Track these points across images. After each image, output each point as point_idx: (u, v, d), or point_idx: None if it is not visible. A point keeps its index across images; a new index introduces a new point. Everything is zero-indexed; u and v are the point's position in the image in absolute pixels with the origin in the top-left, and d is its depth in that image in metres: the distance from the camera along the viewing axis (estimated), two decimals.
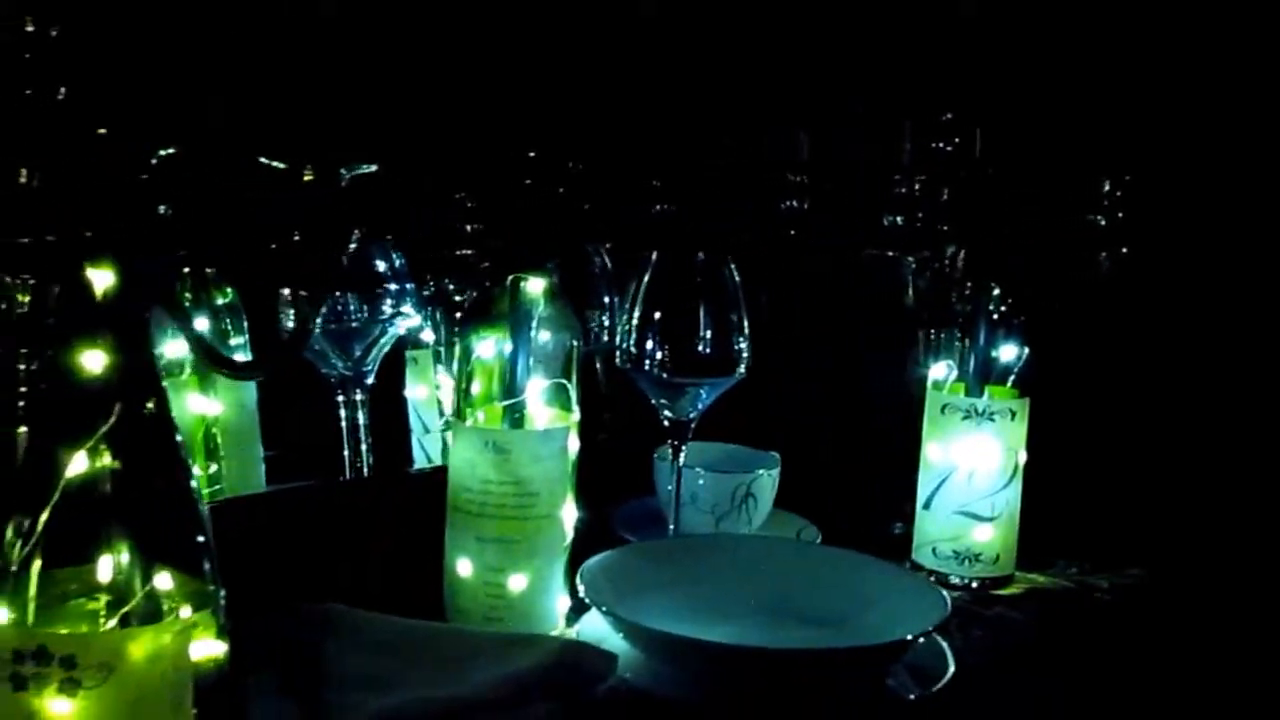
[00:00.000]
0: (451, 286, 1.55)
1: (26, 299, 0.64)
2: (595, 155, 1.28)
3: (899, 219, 1.36)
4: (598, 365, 1.31)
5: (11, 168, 0.64)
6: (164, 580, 0.54)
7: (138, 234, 0.53)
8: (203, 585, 0.55)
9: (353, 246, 0.91)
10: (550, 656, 0.77)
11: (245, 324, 1.08)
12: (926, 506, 1.16)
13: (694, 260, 1.07)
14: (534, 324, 0.93)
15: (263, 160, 0.75)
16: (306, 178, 0.77)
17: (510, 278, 0.91)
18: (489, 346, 0.93)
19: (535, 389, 0.93)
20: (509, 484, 0.90)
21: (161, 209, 0.61)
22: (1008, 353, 1.16)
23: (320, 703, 0.75)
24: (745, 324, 1.07)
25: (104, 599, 0.52)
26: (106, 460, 0.53)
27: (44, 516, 0.52)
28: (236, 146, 0.76)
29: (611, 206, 1.37)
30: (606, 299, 1.28)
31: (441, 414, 1.52)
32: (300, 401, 1.18)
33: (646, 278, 1.07)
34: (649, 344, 1.06)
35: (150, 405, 0.55)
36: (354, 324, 1.25)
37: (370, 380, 1.32)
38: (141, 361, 0.55)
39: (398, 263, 1.29)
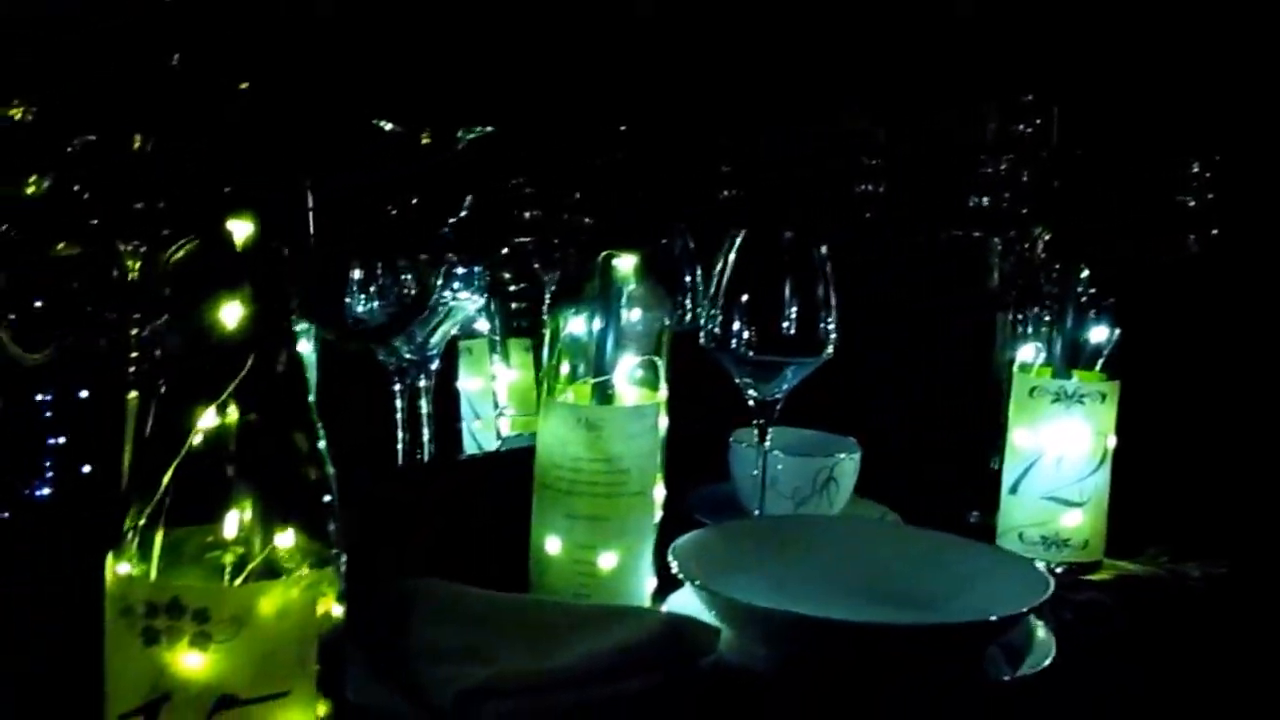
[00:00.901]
0: (507, 276, 1.54)
1: (138, 265, 0.65)
2: (665, 138, 1.27)
3: (984, 200, 1.35)
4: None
5: (127, 134, 0.64)
6: (290, 537, 0.53)
7: (269, 186, 0.52)
8: (327, 545, 0.55)
9: (464, 213, 0.90)
10: (653, 629, 0.76)
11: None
12: (1013, 491, 1.15)
13: (781, 238, 1.06)
14: (624, 301, 0.92)
15: (380, 124, 0.75)
16: (424, 141, 0.77)
17: (601, 255, 0.91)
18: (579, 323, 0.92)
19: (625, 366, 0.92)
20: (600, 461, 0.90)
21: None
22: (1097, 335, 1.14)
23: (413, 676, 0.74)
24: (833, 303, 1.06)
25: (231, 555, 0.52)
26: (236, 415, 0.53)
27: (173, 471, 0.52)
28: (356, 110, 0.76)
29: (683, 192, 1.37)
30: (688, 279, 1.27)
31: (496, 405, 1.51)
32: (349, 392, 1.17)
33: (732, 257, 1.06)
34: (735, 324, 1.05)
35: (282, 361, 0.55)
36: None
37: (435, 365, 1.31)
38: (275, 317, 0.55)
39: None
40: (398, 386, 1.24)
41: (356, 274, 0.86)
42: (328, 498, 0.56)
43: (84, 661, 0.54)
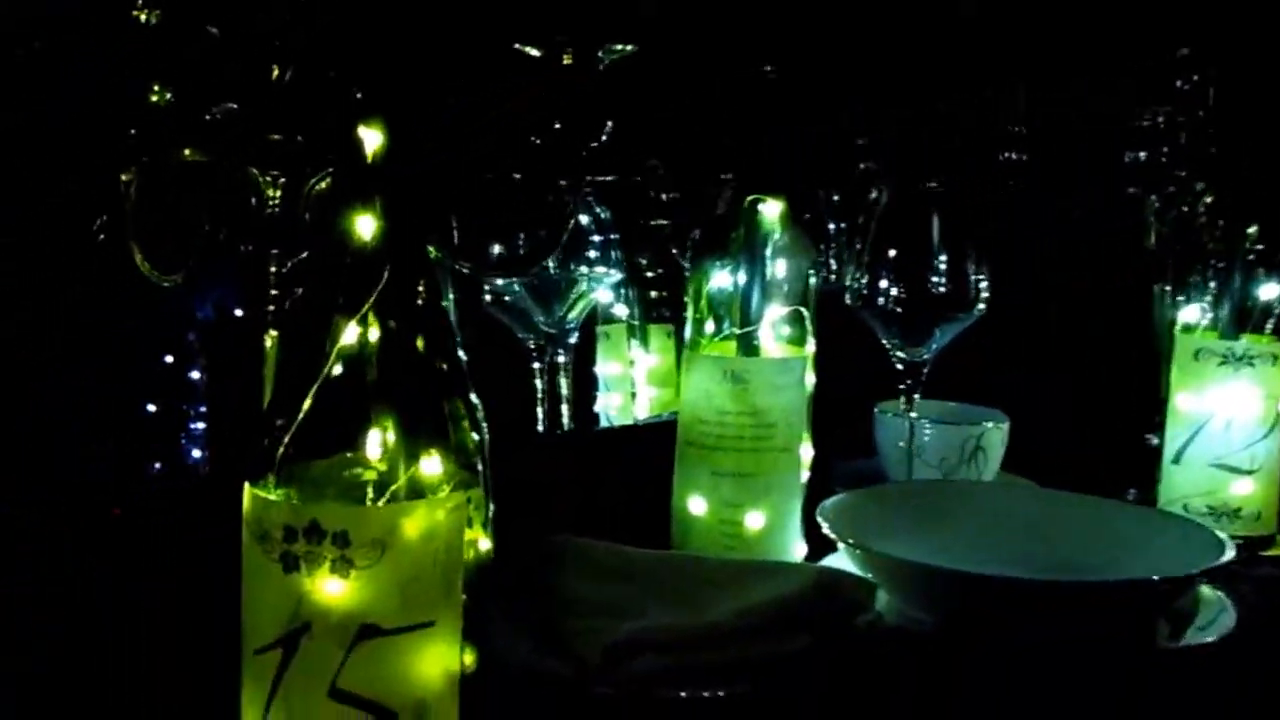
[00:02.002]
0: (644, 261, 1.52)
1: (277, 195, 0.63)
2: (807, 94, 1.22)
3: (1141, 155, 1.28)
4: None
5: (265, 66, 0.62)
6: (433, 460, 0.50)
7: (404, 98, 0.50)
8: (471, 469, 0.52)
9: (604, 138, 0.87)
10: (807, 584, 0.72)
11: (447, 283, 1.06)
12: (1176, 460, 1.08)
13: (929, 194, 1.01)
14: (769, 250, 0.88)
15: (518, 47, 0.72)
16: (565, 61, 0.74)
17: (746, 201, 0.87)
18: (723, 273, 0.88)
19: (771, 317, 0.88)
20: (746, 414, 0.86)
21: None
22: (1267, 293, 1.07)
23: (558, 631, 0.71)
24: (983, 260, 1.01)
25: (372, 477, 0.50)
26: (375, 332, 0.50)
27: (312, 393, 0.50)
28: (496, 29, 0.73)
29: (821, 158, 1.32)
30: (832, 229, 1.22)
31: (634, 393, 1.48)
32: (489, 371, 1.15)
33: (879, 213, 1.01)
34: (882, 282, 1.01)
35: (418, 276, 0.52)
36: (555, 281, 1.22)
37: (573, 340, 1.29)
38: (410, 231, 0.52)
39: (602, 215, 1.26)
40: (537, 365, 1.23)
41: (494, 202, 0.83)
42: (471, 421, 0.53)
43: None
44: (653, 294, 1.52)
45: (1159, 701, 0.77)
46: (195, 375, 0.75)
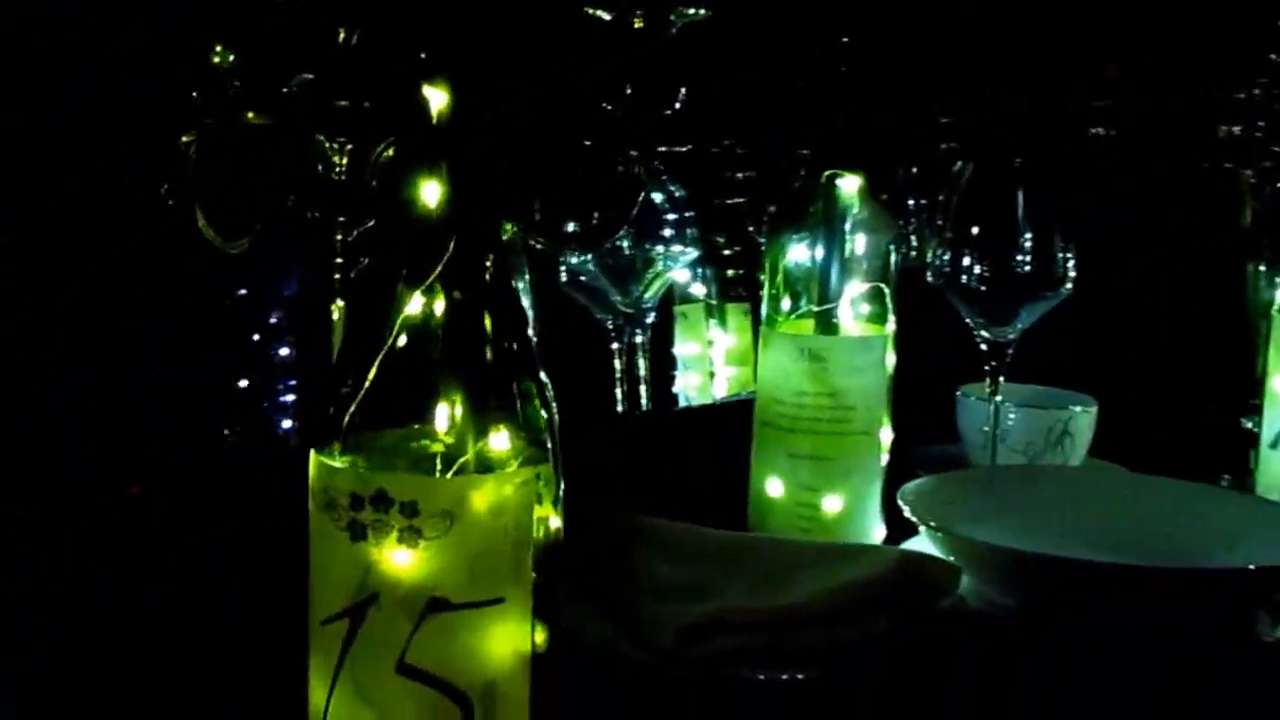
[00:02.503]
0: (721, 240, 1.50)
1: (344, 162, 0.61)
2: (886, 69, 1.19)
3: (1235, 129, 1.23)
4: None
5: (331, 29, 0.61)
6: (502, 435, 0.49)
7: (470, 61, 0.48)
8: (541, 442, 0.50)
9: (678, 106, 0.85)
10: (889, 567, 0.70)
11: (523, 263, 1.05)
12: (1274, 446, 1.03)
13: (1014, 169, 0.98)
14: (848, 225, 0.85)
15: (589, 10, 0.71)
16: (636, 25, 0.72)
17: (824, 175, 0.84)
18: (800, 249, 0.86)
19: (850, 295, 0.86)
20: (824, 395, 0.84)
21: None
22: None
23: (631, 611, 0.69)
24: (1071, 238, 0.97)
25: (441, 449, 0.48)
26: (443, 302, 0.49)
27: (378, 361, 0.48)
28: None
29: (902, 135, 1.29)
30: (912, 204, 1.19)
31: (712, 373, 1.47)
32: (567, 353, 1.14)
33: (962, 188, 0.98)
34: (965, 259, 0.98)
35: (486, 248, 0.51)
36: (631, 260, 1.21)
37: (650, 319, 1.28)
38: (477, 200, 0.50)
39: (677, 193, 1.25)
40: (615, 345, 1.22)
41: (565, 172, 0.81)
42: (540, 398, 0.52)
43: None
44: (730, 273, 1.50)
45: (1255, 695, 0.73)
46: (284, 351, 0.75)
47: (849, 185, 0.85)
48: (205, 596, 0.67)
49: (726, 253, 1.52)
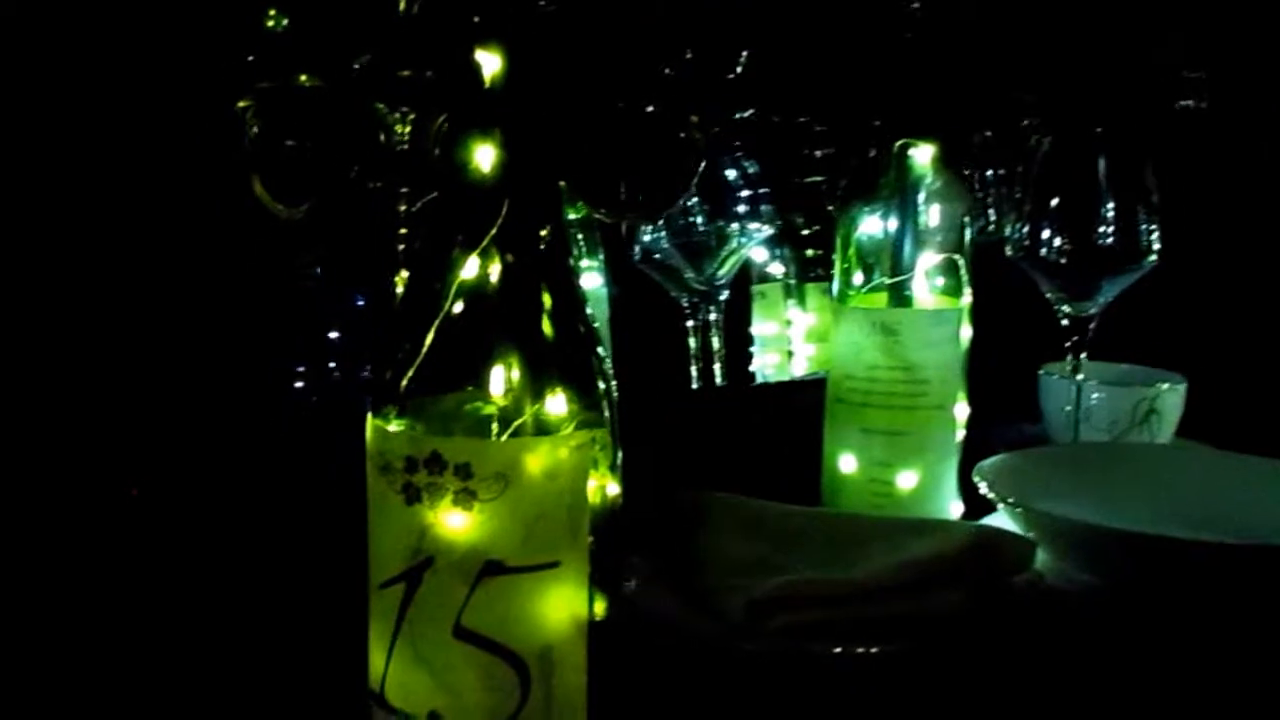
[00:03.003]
0: (800, 220, 1.48)
1: (406, 131, 0.61)
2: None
3: None
4: None
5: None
6: (557, 398, 0.48)
7: (523, 22, 0.47)
8: (597, 407, 0.50)
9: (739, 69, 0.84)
10: (963, 541, 0.68)
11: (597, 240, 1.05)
12: None
13: (1096, 137, 0.95)
14: (921, 196, 0.84)
15: None
16: None
17: (897, 144, 0.83)
18: (873, 221, 0.85)
19: (924, 266, 0.84)
20: (898, 369, 0.82)
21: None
22: None
23: (699, 585, 0.69)
24: (1154, 208, 0.94)
25: (496, 411, 0.48)
26: (498, 266, 0.48)
27: (434, 325, 0.48)
28: None
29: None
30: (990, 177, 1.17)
31: (790, 352, 1.45)
32: (642, 331, 1.13)
33: (1041, 159, 0.96)
34: (1045, 232, 0.95)
35: (540, 211, 0.50)
36: (704, 237, 1.20)
37: (724, 296, 1.27)
38: (532, 163, 0.50)
39: (750, 169, 1.23)
40: (690, 323, 1.21)
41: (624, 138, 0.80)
42: (596, 364, 0.51)
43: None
44: (809, 253, 1.49)
45: None
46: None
47: (923, 154, 0.83)
48: (267, 564, 0.68)
49: (805, 232, 1.50)
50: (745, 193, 1.23)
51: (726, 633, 0.64)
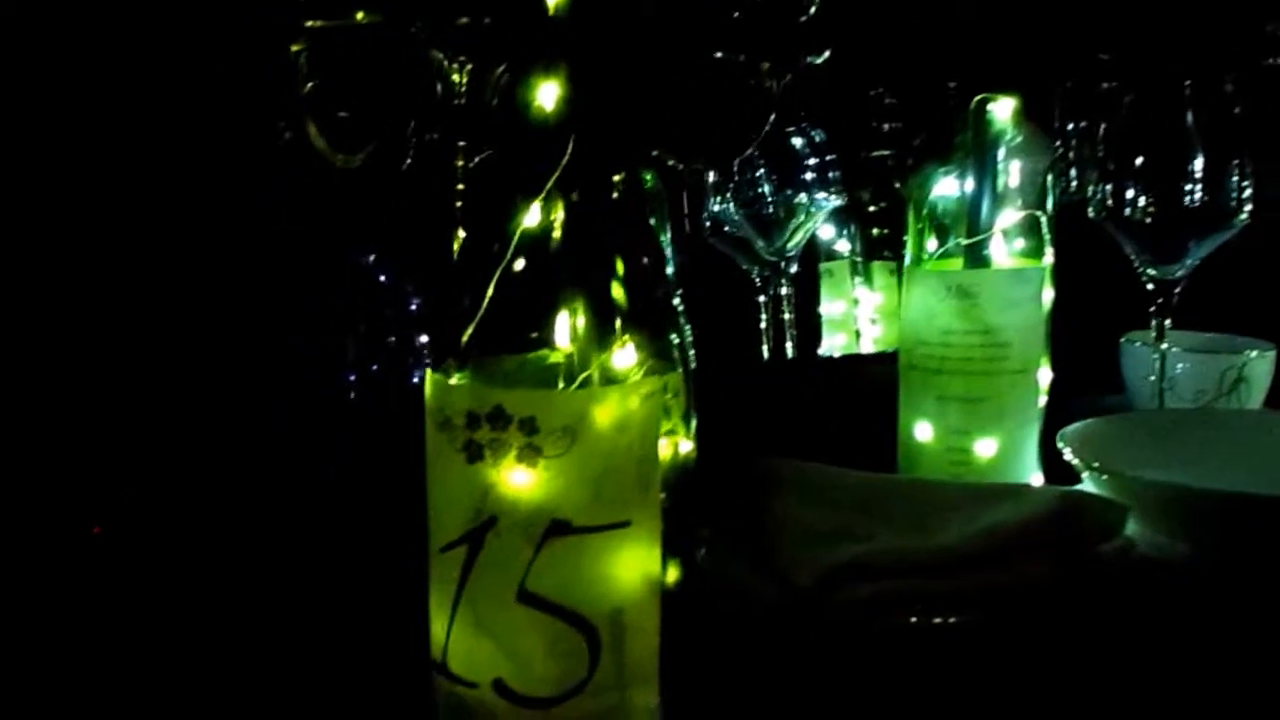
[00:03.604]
0: (866, 197, 1.45)
1: (464, 82, 0.59)
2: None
3: None
4: None
5: None
6: (626, 347, 0.46)
7: None
8: (668, 354, 0.47)
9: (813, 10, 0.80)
10: (1049, 506, 0.65)
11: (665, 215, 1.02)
12: None
13: (1183, 92, 0.91)
14: (1000, 152, 0.80)
15: None
16: None
17: (975, 99, 0.79)
18: (949, 179, 0.81)
19: (1003, 225, 0.80)
20: (975, 334, 0.79)
21: None
22: None
23: (773, 553, 0.66)
24: (1245, 164, 0.90)
25: (561, 362, 0.45)
26: (563, 210, 0.46)
27: (497, 274, 0.46)
28: None
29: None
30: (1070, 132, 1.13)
31: (858, 332, 1.43)
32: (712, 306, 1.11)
33: (1125, 114, 0.91)
34: (1129, 191, 0.91)
35: (608, 154, 0.47)
36: (773, 208, 1.18)
37: (794, 269, 1.25)
38: (598, 103, 0.47)
39: (818, 138, 1.21)
40: (761, 298, 1.19)
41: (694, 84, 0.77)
42: (669, 312, 0.48)
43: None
44: (875, 231, 1.46)
45: None
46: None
47: (1002, 108, 0.80)
48: (325, 536, 0.66)
49: (872, 209, 1.48)
50: (813, 161, 1.21)
51: (801, 602, 0.62)
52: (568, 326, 0.45)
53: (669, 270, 0.48)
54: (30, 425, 0.74)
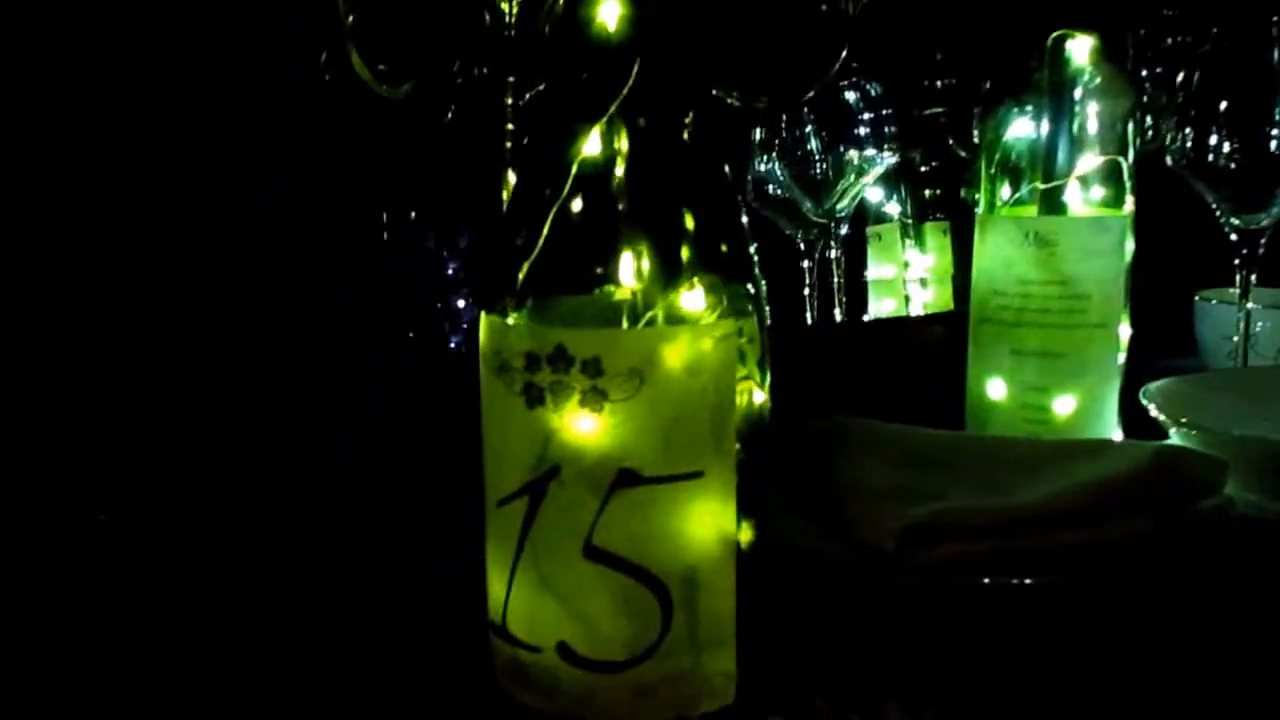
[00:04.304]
0: (916, 157, 1.40)
1: (514, 13, 0.55)
2: None
3: None
4: None
5: None
6: (698, 284, 0.42)
7: None
8: (743, 295, 0.43)
9: None
10: (1144, 461, 0.60)
11: None
12: None
13: (1270, 30, 0.86)
14: (1079, 91, 0.76)
15: None
16: None
17: (1052, 36, 0.75)
18: (1023, 122, 0.77)
19: (1082, 170, 0.76)
20: (1054, 284, 0.75)
21: None
22: None
23: (843, 515, 0.62)
24: None
25: (627, 299, 0.41)
26: (627, 138, 0.42)
27: (556, 206, 0.42)
28: None
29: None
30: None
31: (908, 297, 1.39)
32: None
33: (1208, 57, 0.87)
34: (1212, 137, 0.86)
35: (674, 75, 0.44)
36: (822, 167, 1.14)
37: (844, 231, 1.21)
38: (665, 14, 0.43)
39: (873, 92, 1.16)
40: (807, 264, 1.16)
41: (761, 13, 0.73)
42: (742, 249, 0.45)
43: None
44: (926, 193, 1.42)
45: None
46: None
47: (1081, 46, 0.75)
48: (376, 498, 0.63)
49: (923, 169, 1.43)
50: (866, 115, 1.17)
51: (875, 564, 0.58)
52: (633, 263, 0.42)
53: (742, 213, 0.45)
54: (34, 418, 0.72)
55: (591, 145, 0.42)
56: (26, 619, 0.56)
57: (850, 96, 1.16)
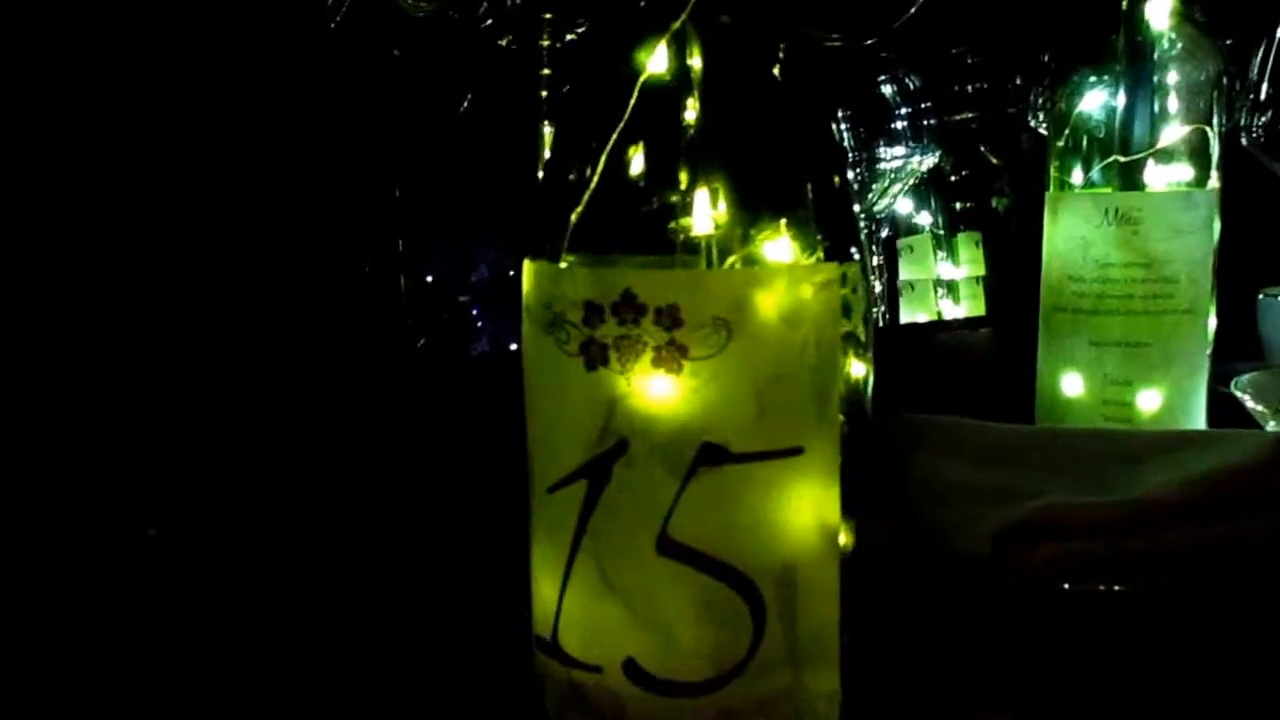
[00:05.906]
0: (946, 166, 1.36)
1: None
2: None
3: None
4: None
5: None
6: (794, 220, 0.35)
7: None
8: (847, 236, 0.36)
9: None
10: (1265, 453, 0.53)
11: None
12: None
13: None
14: (1160, 55, 0.69)
15: None
16: None
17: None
18: (1099, 91, 0.70)
19: (1166, 141, 0.69)
20: (1137, 266, 0.67)
21: None
22: None
23: (928, 517, 0.55)
24: None
25: (709, 237, 0.34)
26: (698, 54, 0.35)
27: (618, 130, 0.35)
28: None
29: None
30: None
31: (939, 313, 1.35)
32: None
33: None
34: None
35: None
36: (858, 166, 1.09)
37: (884, 233, 1.16)
38: None
39: (912, 85, 1.11)
40: None
41: None
42: (840, 181, 0.37)
43: None
44: (958, 205, 1.38)
45: None
46: None
47: (1161, 6, 0.68)
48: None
49: (954, 179, 1.38)
50: (904, 109, 1.11)
51: (971, 568, 0.51)
52: (715, 191, 0.34)
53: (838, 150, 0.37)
54: (34, 418, 0.68)
55: (658, 59, 0.35)
56: (27, 619, 0.51)
57: (887, 90, 1.11)
